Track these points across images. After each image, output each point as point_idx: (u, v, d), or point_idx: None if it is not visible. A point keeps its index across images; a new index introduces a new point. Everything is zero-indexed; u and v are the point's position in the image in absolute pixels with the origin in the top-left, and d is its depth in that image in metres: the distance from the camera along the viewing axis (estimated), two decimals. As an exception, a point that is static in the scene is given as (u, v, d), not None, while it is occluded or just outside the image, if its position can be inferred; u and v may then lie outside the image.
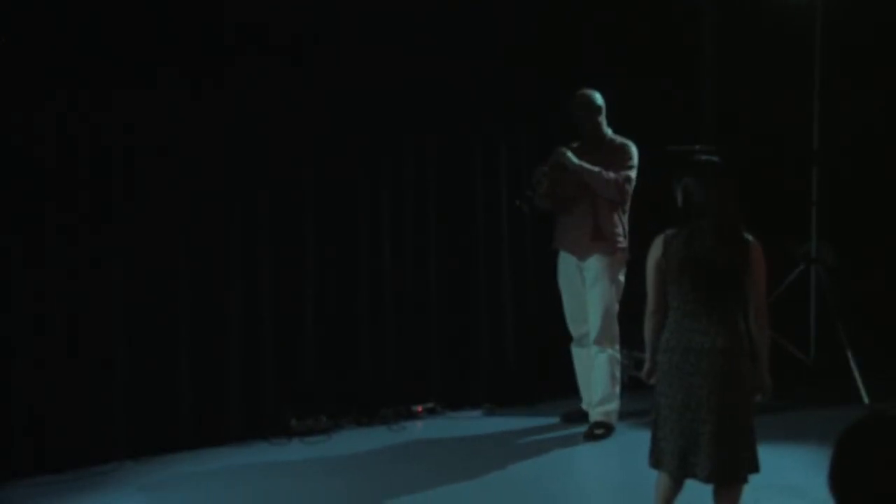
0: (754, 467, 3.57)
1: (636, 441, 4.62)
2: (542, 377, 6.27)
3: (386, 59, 5.73)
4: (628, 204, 5.49)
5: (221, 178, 5.30)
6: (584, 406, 5.67)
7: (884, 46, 6.75)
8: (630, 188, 5.44)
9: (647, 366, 3.77)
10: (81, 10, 4.84)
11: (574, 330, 5.67)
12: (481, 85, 6.05)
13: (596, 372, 5.51)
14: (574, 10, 6.31)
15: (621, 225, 5.48)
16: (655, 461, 3.64)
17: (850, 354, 6.04)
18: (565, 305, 5.67)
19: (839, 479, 1.92)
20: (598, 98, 5.52)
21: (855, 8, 6.52)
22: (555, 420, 5.77)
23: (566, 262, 5.60)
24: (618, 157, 5.43)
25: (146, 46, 5.00)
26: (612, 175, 5.38)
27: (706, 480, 3.54)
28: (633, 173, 5.43)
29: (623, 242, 5.46)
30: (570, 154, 5.40)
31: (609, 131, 5.55)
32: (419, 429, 5.72)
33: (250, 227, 5.41)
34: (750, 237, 3.58)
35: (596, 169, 5.36)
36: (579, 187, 5.41)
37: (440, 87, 5.92)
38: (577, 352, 5.70)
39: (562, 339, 5.80)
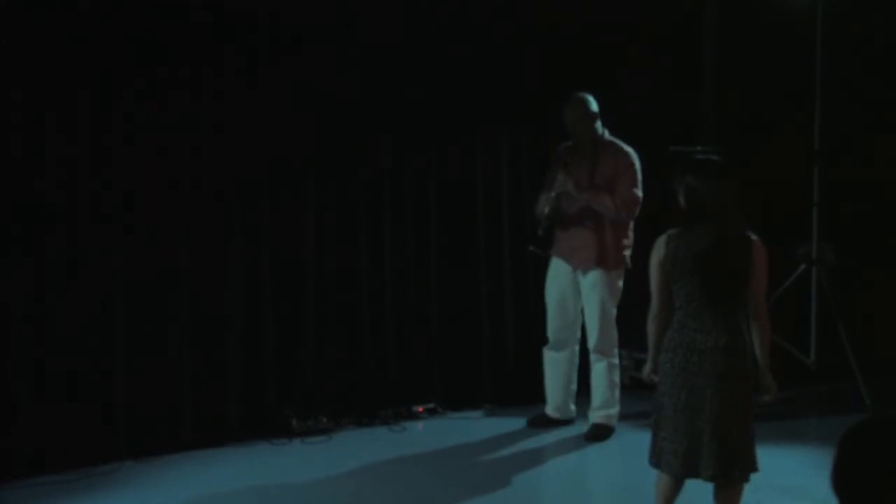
0: (754, 467, 3.58)
1: (637, 442, 4.62)
2: (542, 378, 6.25)
3: (387, 60, 5.73)
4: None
5: (222, 177, 5.30)
6: (550, 412, 5.65)
7: (885, 46, 6.74)
8: (638, 208, 5.36)
9: (648, 366, 3.76)
10: (82, 12, 4.84)
11: (552, 334, 5.61)
12: (482, 85, 6.04)
13: (594, 379, 5.49)
14: (575, 9, 6.30)
15: (626, 237, 5.41)
16: (657, 460, 3.64)
17: (851, 356, 6.03)
18: (549, 309, 5.59)
19: (842, 480, 1.92)
20: (593, 104, 5.41)
21: (856, 7, 6.52)
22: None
23: (559, 268, 5.54)
24: (622, 172, 5.32)
25: (148, 46, 5.00)
26: (618, 202, 5.28)
27: (710, 480, 3.55)
28: (640, 191, 5.34)
29: (625, 255, 5.39)
30: (570, 186, 5.27)
31: (605, 133, 5.47)
32: (420, 429, 5.71)
33: (251, 227, 5.41)
34: (753, 236, 3.57)
35: (607, 202, 5.27)
36: (585, 207, 5.35)
37: (441, 87, 5.91)
38: (549, 356, 5.63)
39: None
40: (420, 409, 5.88)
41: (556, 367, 5.62)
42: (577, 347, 5.61)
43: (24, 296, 4.73)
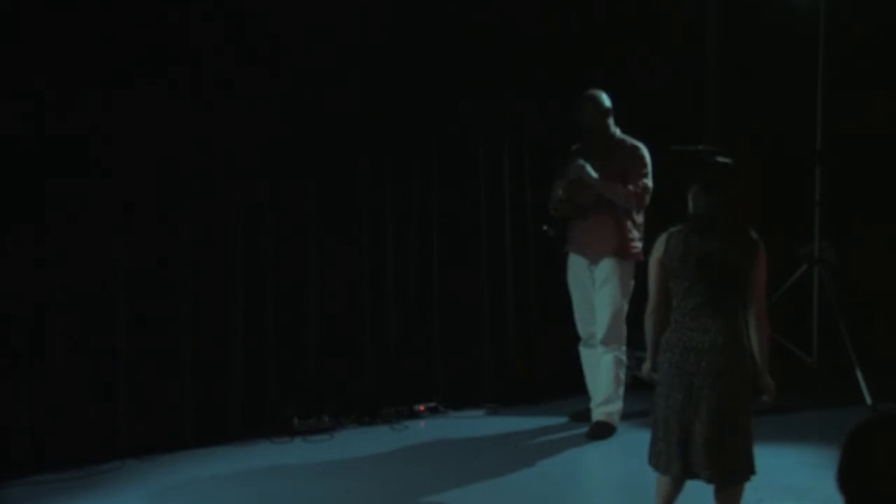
0: (751, 469, 3.56)
1: (638, 441, 4.61)
2: (544, 377, 6.26)
3: (386, 60, 5.73)
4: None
5: (223, 176, 5.29)
6: (593, 406, 5.66)
7: (887, 45, 6.74)
8: (649, 197, 5.41)
9: (647, 364, 3.76)
10: (82, 11, 4.85)
11: (582, 331, 5.65)
12: (482, 85, 6.04)
13: (600, 372, 5.50)
14: (575, 9, 6.30)
15: (637, 229, 5.46)
16: (656, 461, 3.64)
17: (852, 355, 6.04)
18: (575, 306, 5.64)
19: (848, 478, 1.92)
20: (606, 100, 5.47)
21: (858, 7, 6.52)
22: (557, 420, 5.76)
23: (577, 264, 5.58)
24: (633, 164, 5.39)
25: (148, 46, 5.00)
26: (630, 188, 5.34)
27: (707, 480, 3.54)
28: (650, 181, 5.39)
29: (637, 247, 5.43)
30: (589, 168, 5.32)
31: (617, 131, 5.52)
32: (421, 428, 5.71)
33: (252, 226, 5.41)
34: (755, 236, 3.57)
35: (620, 190, 5.32)
36: (597, 195, 5.38)
37: (441, 87, 5.90)
38: (584, 352, 5.67)
39: (564, 339, 5.80)
40: (422, 407, 5.88)
41: (591, 363, 5.62)
42: None
43: (25, 294, 4.73)
